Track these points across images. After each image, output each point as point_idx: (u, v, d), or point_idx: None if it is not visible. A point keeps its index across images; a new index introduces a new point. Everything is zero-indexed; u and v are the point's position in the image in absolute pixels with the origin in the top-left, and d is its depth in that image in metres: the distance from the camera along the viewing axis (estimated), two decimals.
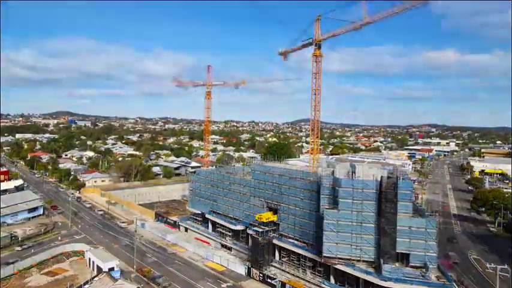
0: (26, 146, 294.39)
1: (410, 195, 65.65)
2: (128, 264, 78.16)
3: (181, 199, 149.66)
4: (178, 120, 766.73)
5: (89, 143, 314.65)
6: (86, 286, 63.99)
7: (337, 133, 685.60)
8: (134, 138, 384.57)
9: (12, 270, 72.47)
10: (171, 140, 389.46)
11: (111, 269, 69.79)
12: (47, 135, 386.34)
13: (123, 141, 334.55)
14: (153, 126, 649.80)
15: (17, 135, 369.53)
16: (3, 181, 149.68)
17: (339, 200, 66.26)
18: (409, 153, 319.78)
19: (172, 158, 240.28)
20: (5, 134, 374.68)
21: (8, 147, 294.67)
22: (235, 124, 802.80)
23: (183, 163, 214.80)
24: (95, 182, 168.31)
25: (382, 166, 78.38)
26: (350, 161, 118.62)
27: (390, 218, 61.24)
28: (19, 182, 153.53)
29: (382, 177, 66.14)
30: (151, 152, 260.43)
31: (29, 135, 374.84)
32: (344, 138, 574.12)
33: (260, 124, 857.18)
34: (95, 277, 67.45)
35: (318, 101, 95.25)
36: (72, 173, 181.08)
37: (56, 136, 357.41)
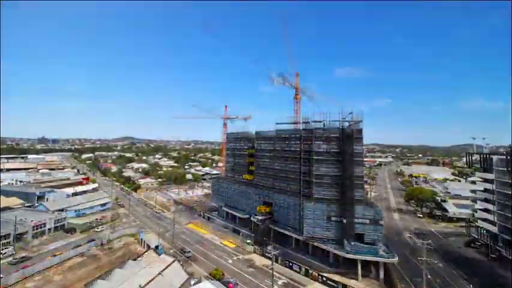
0: (101, 160, 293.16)
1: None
2: (168, 243, 75.82)
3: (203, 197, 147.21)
4: (204, 141, 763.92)
5: (144, 158, 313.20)
6: (139, 258, 61.79)
7: None
8: (174, 154, 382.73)
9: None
10: (199, 155, 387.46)
11: (157, 246, 67.63)
12: (116, 153, 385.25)
13: (167, 157, 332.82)
14: (187, 146, 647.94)
15: (96, 153, 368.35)
16: (84, 184, 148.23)
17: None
18: None
19: (200, 168, 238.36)
20: (88, 152, 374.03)
21: (90, 161, 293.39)
22: None
23: (207, 171, 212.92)
24: (147, 185, 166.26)
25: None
26: None
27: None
28: (95, 185, 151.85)
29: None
30: (186, 164, 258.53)
31: (103, 153, 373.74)
32: None
33: None
34: (145, 252, 65.29)
35: None
36: (131, 178, 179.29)
37: (122, 154, 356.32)
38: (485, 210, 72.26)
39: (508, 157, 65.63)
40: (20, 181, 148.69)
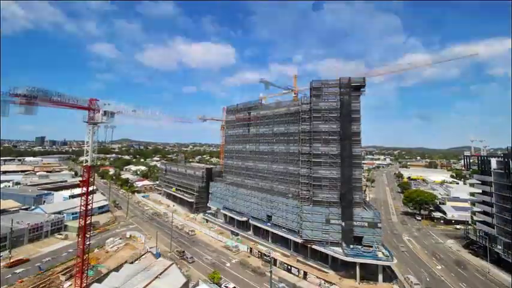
0: (98, 162, 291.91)
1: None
2: (166, 246, 75.26)
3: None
4: (203, 144, 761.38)
5: (142, 160, 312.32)
6: (136, 261, 61.34)
7: None
8: (172, 156, 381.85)
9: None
10: (198, 157, 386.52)
11: (154, 249, 67.23)
12: (113, 155, 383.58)
13: (165, 159, 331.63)
14: (185, 148, 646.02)
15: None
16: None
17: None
18: None
19: None
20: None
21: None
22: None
23: None
24: (145, 187, 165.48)
25: None
26: None
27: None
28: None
29: None
30: None
31: (101, 155, 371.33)
32: None
33: None
34: (142, 255, 64.86)
35: None
36: (129, 181, 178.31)
37: (120, 156, 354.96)
38: (484, 212, 72.38)
39: (506, 159, 65.92)
40: (17, 183, 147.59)
